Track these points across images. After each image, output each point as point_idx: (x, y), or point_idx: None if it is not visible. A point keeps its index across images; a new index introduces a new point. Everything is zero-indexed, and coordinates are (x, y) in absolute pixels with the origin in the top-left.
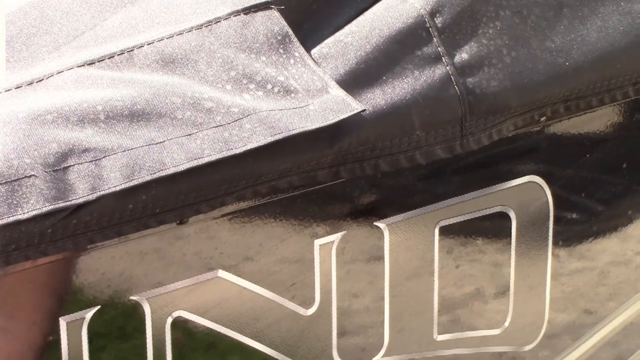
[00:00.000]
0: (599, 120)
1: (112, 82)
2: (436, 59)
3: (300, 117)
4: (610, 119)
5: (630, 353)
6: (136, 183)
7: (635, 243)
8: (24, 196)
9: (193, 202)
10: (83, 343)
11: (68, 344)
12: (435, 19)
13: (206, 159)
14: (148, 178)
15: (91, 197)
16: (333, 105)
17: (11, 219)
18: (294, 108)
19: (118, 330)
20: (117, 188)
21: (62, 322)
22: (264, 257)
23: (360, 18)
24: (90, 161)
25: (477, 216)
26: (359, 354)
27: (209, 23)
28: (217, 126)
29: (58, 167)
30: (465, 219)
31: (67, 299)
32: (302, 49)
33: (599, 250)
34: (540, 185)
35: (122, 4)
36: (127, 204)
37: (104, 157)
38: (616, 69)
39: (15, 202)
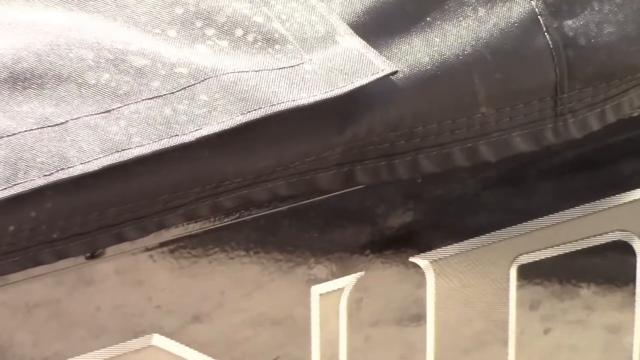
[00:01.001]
0: None
1: None
2: None
3: (290, 82)
4: None
5: None
6: (21, 190)
7: None
8: None
9: (113, 222)
10: None
11: None
12: None
13: (135, 151)
14: (40, 183)
15: None
16: (344, 64)
17: None
18: (280, 68)
19: None
20: None
21: None
22: (228, 315)
23: None
24: None
25: (579, 249)
26: None
27: None
28: (153, 97)
29: None
30: (560, 253)
31: None
32: None
33: None
34: None
35: None
36: (6, 224)
37: None
38: None
39: None
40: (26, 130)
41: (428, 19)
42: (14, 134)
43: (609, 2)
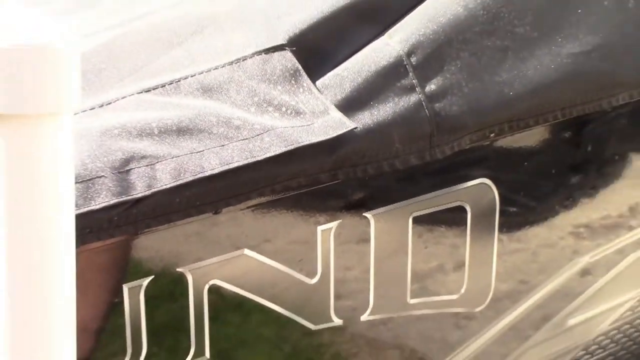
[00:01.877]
0: (535, 136)
1: (164, 105)
2: (411, 89)
3: (307, 132)
4: (543, 135)
5: (556, 313)
6: (181, 182)
7: (559, 231)
8: (96, 192)
9: (225, 197)
10: (141, 304)
11: (129, 305)
12: (411, 58)
13: (235, 164)
14: (191, 179)
15: (147, 193)
16: (332, 124)
17: (86, 209)
18: (302, 126)
19: (168, 295)
20: (167, 186)
21: (125, 288)
22: (279, 240)
23: (353, 57)
24: (147, 165)
25: (441, 209)
26: (350, 313)
27: (237, 60)
28: (243, 139)
29: (122, 169)
30: (433, 211)
31: (129, 270)
32: (308, 81)
33: (532, 235)
34: (489, 186)
35: (171, 47)
36: (174, 198)
37: (157, 162)
38: (548, 98)
39: (89, 196)
40: (184, 155)
41: (371, 102)
42: (179, 156)
43: (456, 95)
